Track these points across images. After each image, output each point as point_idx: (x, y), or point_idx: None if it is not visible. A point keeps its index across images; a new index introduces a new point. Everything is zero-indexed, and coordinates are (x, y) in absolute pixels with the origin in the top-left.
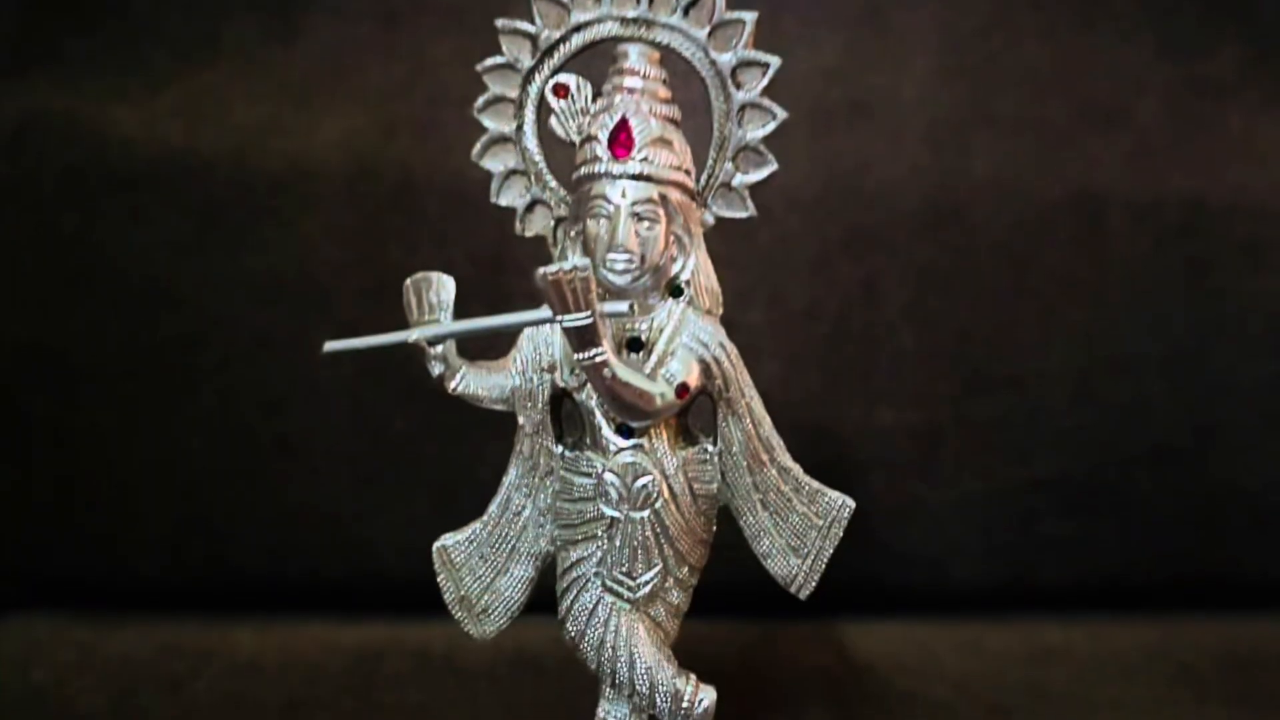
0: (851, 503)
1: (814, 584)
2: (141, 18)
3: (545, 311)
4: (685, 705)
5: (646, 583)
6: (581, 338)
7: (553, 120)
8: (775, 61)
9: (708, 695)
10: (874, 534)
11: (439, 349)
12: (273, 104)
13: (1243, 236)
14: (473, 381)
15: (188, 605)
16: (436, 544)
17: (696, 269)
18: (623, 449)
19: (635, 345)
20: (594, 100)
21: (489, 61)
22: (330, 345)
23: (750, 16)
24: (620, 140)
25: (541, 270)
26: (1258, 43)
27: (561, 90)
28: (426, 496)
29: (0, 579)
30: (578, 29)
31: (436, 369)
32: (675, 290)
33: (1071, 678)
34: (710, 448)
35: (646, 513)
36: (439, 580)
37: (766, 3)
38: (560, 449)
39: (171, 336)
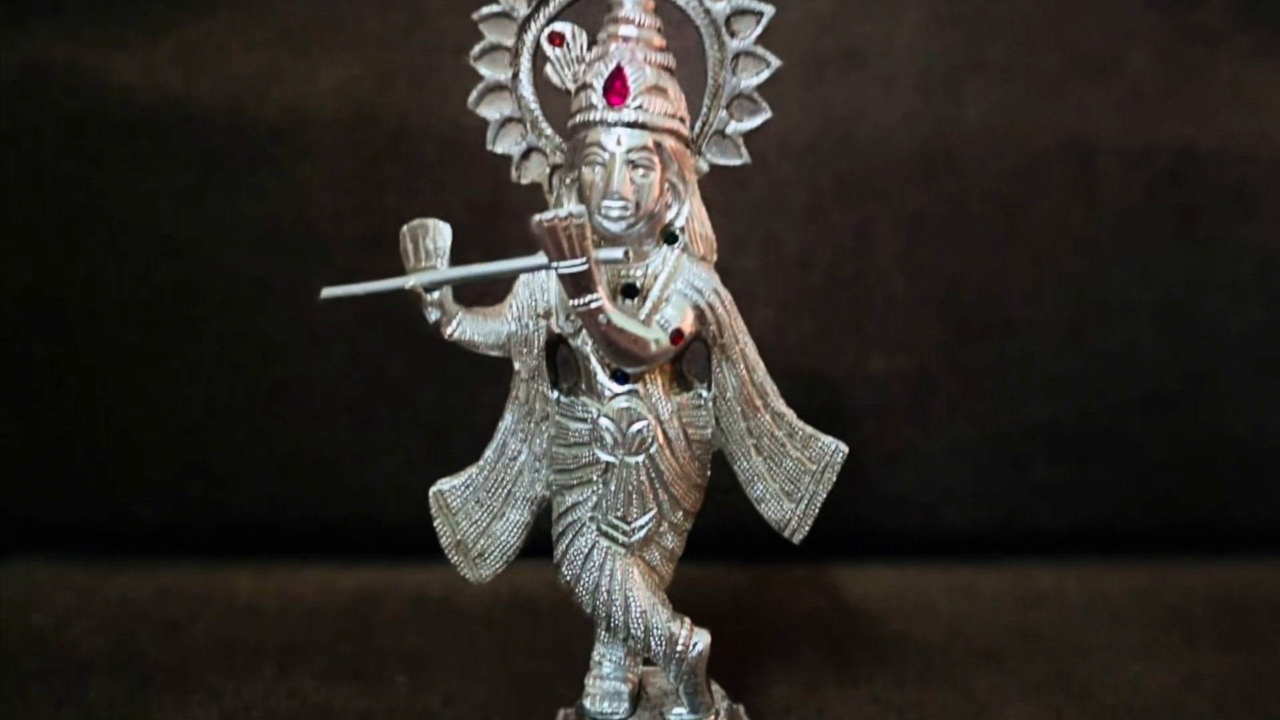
0: (845, 448)
1: (807, 528)
2: None
3: (541, 258)
4: (679, 649)
5: (641, 527)
6: (577, 284)
7: (548, 68)
8: (769, 10)
9: (702, 639)
10: (866, 479)
11: (435, 295)
12: (270, 52)
13: (1233, 184)
14: (469, 327)
15: (186, 549)
16: (433, 489)
17: (691, 216)
18: (618, 394)
19: (630, 291)
20: (589, 48)
21: (485, 10)
22: (327, 292)
23: None
24: (615, 88)
25: (537, 217)
26: None
27: (557, 38)
28: (423, 441)
29: (0, 523)
30: None
31: (433, 315)
32: (670, 237)
33: (1062, 621)
34: (704, 393)
35: (641, 458)
36: (435, 525)
37: None
38: (556, 394)
39: (170, 283)
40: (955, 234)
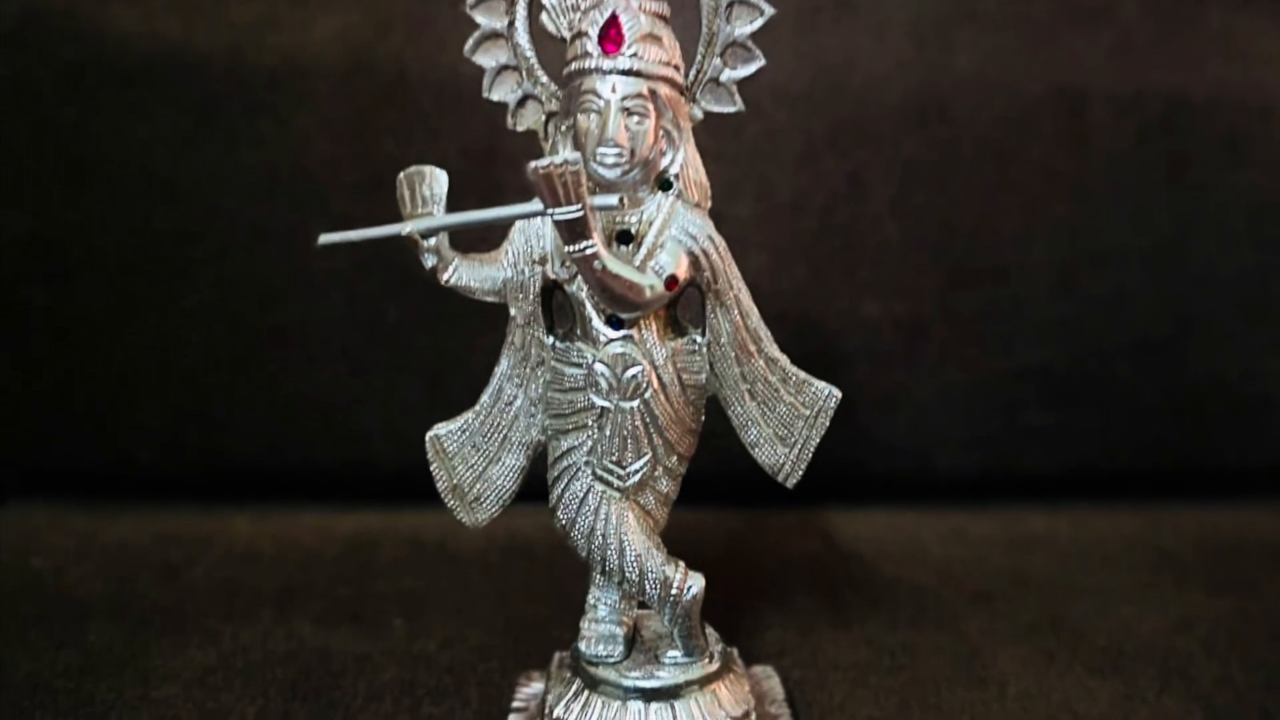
0: (838, 393)
1: (801, 473)
2: None
3: (536, 205)
4: (674, 592)
5: (636, 472)
6: (572, 230)
7: (544, 16)
8: None
9: (696, 582)
10: (859, 424)
11: (432, 241)
12: (268, 0)
13: (1222, 131)
14: (465, 273)
15: (185, 493)
16: (430, 433)
17: (685, 163)
18: (613, 340)
19: (625, 238)
20: None
21: None
22: (325, 238)
23: None
24: (610, 36)
25: (533, 164)
26: None
27: None
28: (420, 387)
29: (0, 468)
30: None
31: (429, 261)
32: (664, 184)
33: (1053, 564)
34: (699, 339)
35: (636, 403)
36: (432, 469)
37: None
38: (551, 340)
39: (169, 230)
40: (947, 180)
